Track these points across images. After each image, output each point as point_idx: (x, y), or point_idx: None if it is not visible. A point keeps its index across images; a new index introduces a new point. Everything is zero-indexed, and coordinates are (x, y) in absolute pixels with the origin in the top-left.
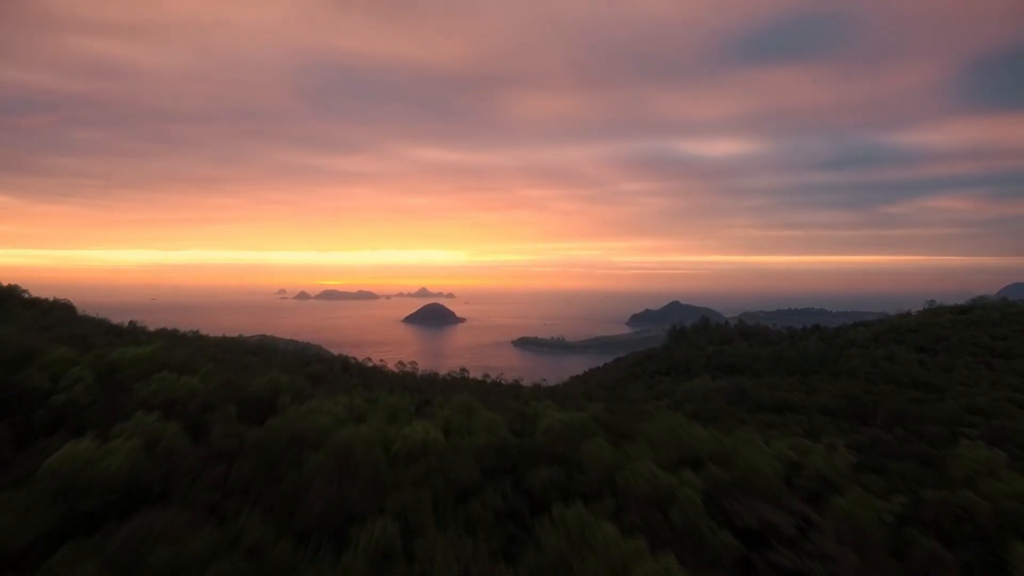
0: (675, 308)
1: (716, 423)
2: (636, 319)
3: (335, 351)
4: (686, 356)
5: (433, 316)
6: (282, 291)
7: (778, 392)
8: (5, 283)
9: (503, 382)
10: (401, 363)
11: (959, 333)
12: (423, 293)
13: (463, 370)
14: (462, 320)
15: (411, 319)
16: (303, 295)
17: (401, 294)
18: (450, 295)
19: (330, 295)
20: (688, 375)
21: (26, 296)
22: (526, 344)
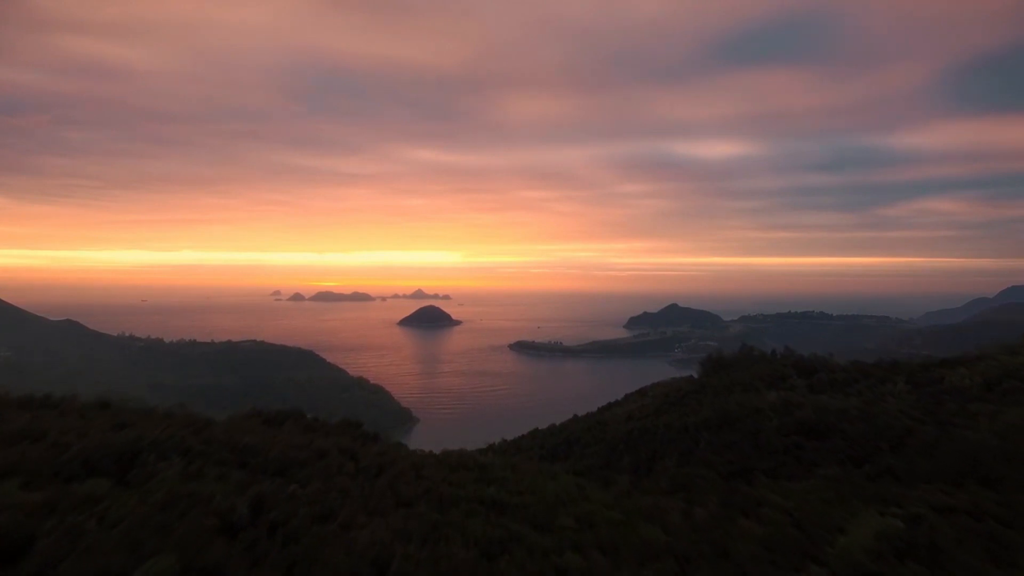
0: (674, 311)
1: None
2: (634, 321)
3: (329, 357)
4: (740, 405)
5: (429, 319)
6: (277, 292)
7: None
8: None
9: (513, 462)
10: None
11: None
12: (419, 295)
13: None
14: (458, 323)
15: (406, 321)
16: (298, 296)
17: (397, 295)
18: (446, 297)
19: (325, 297)
20: (755, 439)
21: None
22: (523, 348)
